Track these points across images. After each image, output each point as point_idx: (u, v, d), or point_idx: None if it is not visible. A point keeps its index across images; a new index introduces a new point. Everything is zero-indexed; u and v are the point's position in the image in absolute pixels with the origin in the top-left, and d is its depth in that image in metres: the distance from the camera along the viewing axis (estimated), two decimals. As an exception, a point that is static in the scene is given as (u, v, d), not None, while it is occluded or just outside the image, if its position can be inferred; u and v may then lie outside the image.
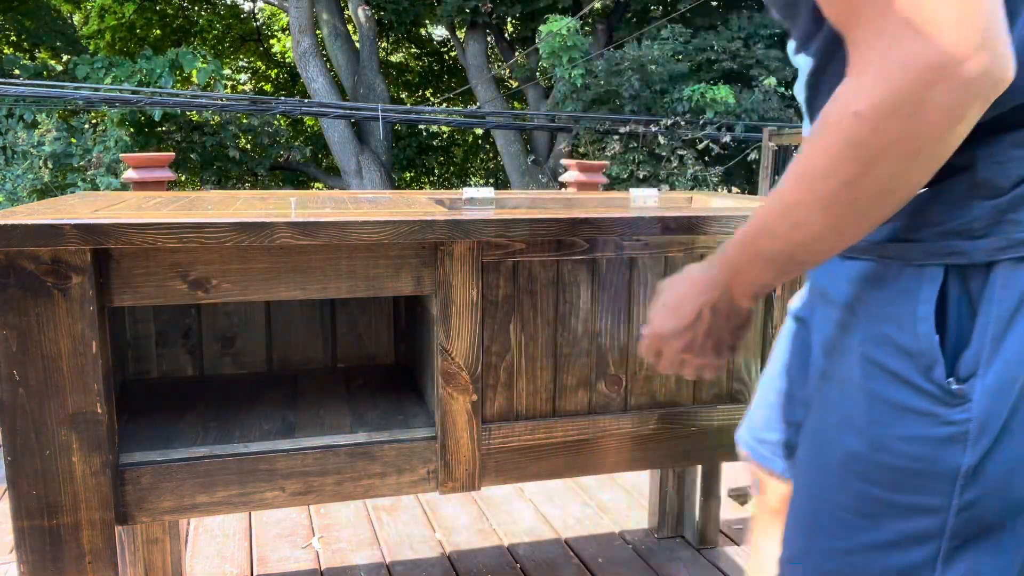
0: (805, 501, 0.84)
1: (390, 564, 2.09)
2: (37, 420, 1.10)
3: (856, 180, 0.64)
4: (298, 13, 10.48)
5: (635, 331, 1.40)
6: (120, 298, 1.15)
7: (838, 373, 0.80)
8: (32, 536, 1.12)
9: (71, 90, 8.27)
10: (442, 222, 1.21)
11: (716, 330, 0.87)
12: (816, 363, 0.85)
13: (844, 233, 0.69)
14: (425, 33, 14.91)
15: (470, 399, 1.31)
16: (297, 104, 9.36)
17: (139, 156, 2.77)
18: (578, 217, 1.27)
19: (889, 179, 0.64)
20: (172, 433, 1.32)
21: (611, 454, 1.42)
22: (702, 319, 0.86)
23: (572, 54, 8.64)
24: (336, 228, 1.16)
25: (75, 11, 14.49)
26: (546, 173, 10.32)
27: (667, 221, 1.32)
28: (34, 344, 1.08)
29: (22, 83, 8.43)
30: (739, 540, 2.26)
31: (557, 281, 1.34)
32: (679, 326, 0.87)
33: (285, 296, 1.21)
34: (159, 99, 8.55)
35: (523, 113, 10.80)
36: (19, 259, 1.06)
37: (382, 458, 1.30)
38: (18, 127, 8.46)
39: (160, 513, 1.22)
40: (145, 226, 1.09)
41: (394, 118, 9.76)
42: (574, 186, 3.16)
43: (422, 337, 1.52)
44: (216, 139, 10.26)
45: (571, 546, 2.20)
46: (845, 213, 0.67)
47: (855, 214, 0.67)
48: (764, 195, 7.08)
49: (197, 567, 2.06)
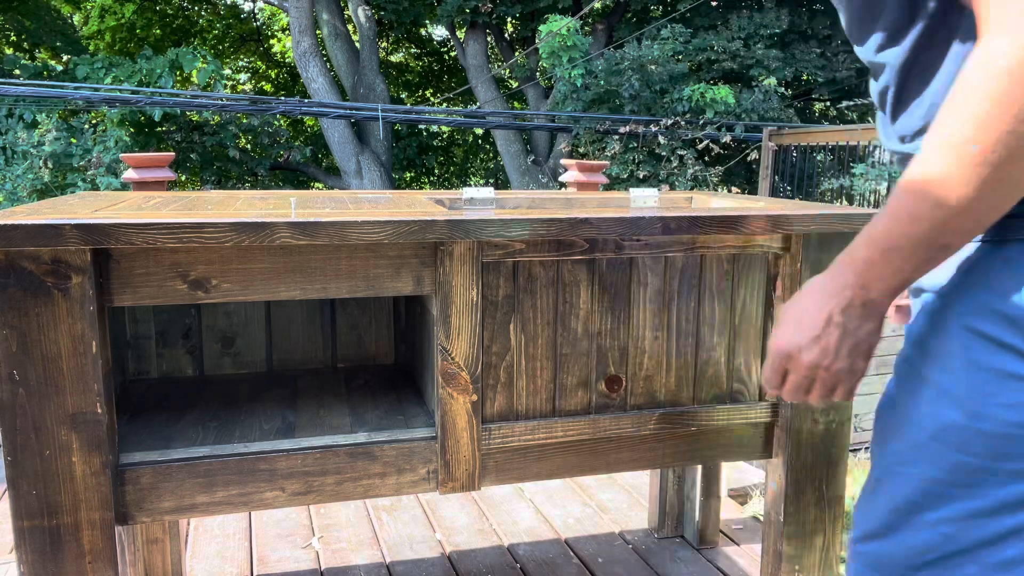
0: (888, 479, 0.84)
1: (390, 564, 2.09)
2: (37, 420, 1.10)
3: (1009, 140, 0.63)
4: (298, 13, 10.48)
5: (635, 331, 1.40)
6: (120, 298, 1.15)
7: (933, 350, 0.80)
8: (32, 536, 1.12)
9: (71, 90, 8.27)
10: (442, 222, 1.21)
11: (849, 337, 0.81)
12: (902, 352, 0.85)
13: (995, 203, 0.67)
14: (425, 33, 14.91)
15: (470, 399, 1.31)
16: (297, 104, 9.36)
17: (139, 156, 2.77)
18: (578, 217, 1.27)
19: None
20: (172, 433, 1.32)
21: (611, 454, 1.42)
22: (832, 325, 0.80)
23: (572, 54, 8.64)
24: (336, 228, 1.16)
25: (75, 11, 14.49)
26: (546, 173, 10.32)
27: (667, 221, 1.32)
28: (34, 344, 1.08)
29: (22, 83, 8.43)
30: (739, 540, 2.26)
31: (557, 281, 1.34)
32: (808, 337, 0.81)
33: (285, 296, 1.21)
34: (159, 99, 8.55)
35: (523, 113, 10.80)
36: (19, 259, 1.06)
37: (382, 458, 1.30)
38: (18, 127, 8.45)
39: (160, 513, 1.22)
40: (145, 226, 1.09)
41: (394, 118, 9.76)
42: (574, 186, 3.16)
43: (422, 337, 1.52)
44: (216, 139, 10.26)
45: (571, 546, 2.20)
46: (998, 179, 0.65)
47: (1008, 179, 0.65)
48: (764, 195, 7.08)
49: (197, 567, 2.06)
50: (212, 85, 9.79)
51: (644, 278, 1.38)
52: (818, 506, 1.52)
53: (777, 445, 1.50)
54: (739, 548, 2.21)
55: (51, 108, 8.80)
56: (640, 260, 1.37)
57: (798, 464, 1.50)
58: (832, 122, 11.34)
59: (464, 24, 10.96)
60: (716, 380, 1.46)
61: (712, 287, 1.43)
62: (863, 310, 0.80)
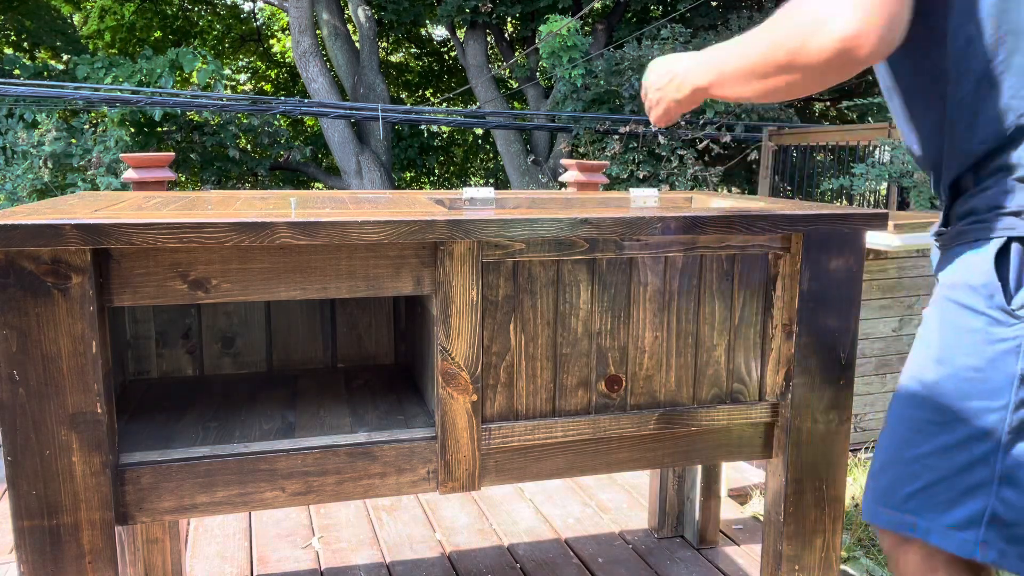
0: (892, 422, 1.06)
1: (390, 564, 2.09)
2: (37, 420, 1.10)
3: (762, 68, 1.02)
4: (298, 13, 10.47)
5: (635, 331, 1.40)
6: (120, 298, 1.15)
7: (926, 317, 1.05)
8: (32, 536, 1.12)
9: (71, 90, 8.26)
10: (442, 222, 1.21)
11: (669, 92, 1.27)
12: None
13: (746, 89, 1.08)
14: (425, 33, 14.90)
15: (470, 399, 1.31)
16: (297, 104, 9.35)
17: (139, 156, 2.77)
18: (578, 217, 1.27)
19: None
20: (172, 433, 1.32)
21: (611, 454, 1.42)
22: (670, 81, 1.25)
23: (572, 54, 8.64)
24: (336, 228, 1.16)
25: (75, 11, 14.48)
26: (546, 173, 10.31)
27: (667, 221, 1.32)
28: (34, 344, 1.08)
29: (22, 83, 8.43)
30: (739, 540, 2.26)
31: (557, 281, 1.34)
32: (653, 82, 1.30)
33: (285, 296, 1.21)
34: (159, 99, 8.55)
35: (523, 113, 10.79)
36: (19, 259, 1.06)
37: (382, 458, 1.30)
38: (18, 127, 8.45)
39: (160, 513, 1.22)
40: (145, 226, 1.09)
41: (394, 118, 9.75)
42: (574, 186, 3.16)
43: (422, 337, 1.52)
44: (216, 139, 10.25)
45: (571, 546, 2.20)
46: (751, 79, 1.05)
47: (756, 83, 1.05)
48: (764, 195, 7.08)
49: (197, 567, 2.06)
50: (212, 85, 9.79)
51: (644, 278, 1.38)
52: (818, 506, 1.52)
53: (777, 445, 1.50)
54: (739, 548, 2.21)
55: (51, 108, 8.80)
56: (640, 260, 1.37)
57: (798, 464, 1.50)
58: (832, 122, 11.34)
59: (464, 24, 10.96)
60: (716, 380, 1.46)
61: (712, 287, 1.43)
62: (681, 86, 1.23)
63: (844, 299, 1.46)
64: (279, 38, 16.14)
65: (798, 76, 0.96)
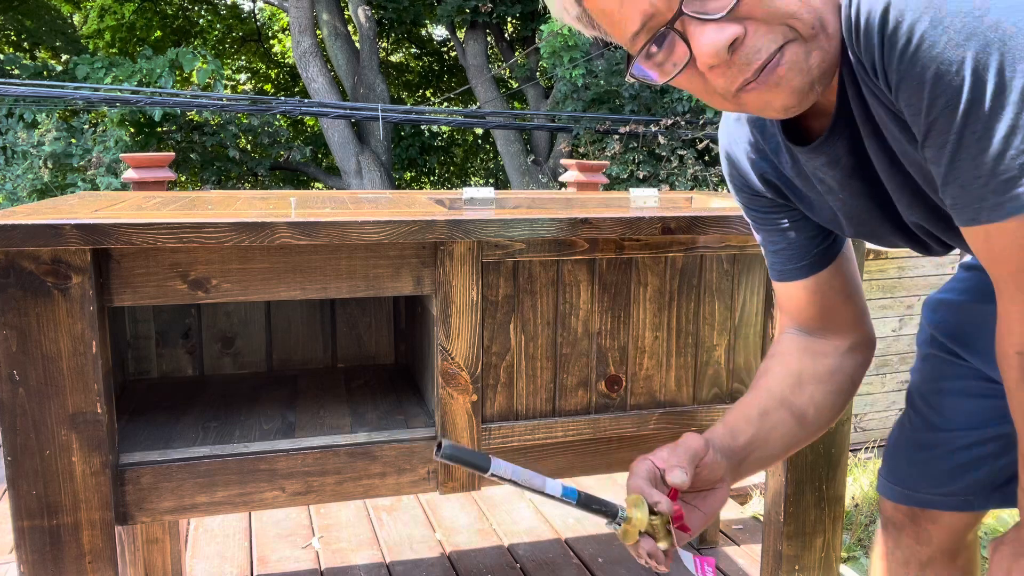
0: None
1: (390, 564, 2.09)
2: (37, 420, 1.10)
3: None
4: (298, 13, 10.47)
5: (635, 331, 1.40)
6: (120, 298, 1.15)
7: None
8: (32, 536, 1.12)
9: (71, 90, 8.26)
10: (442, 222, 1.21)
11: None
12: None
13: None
14: (425, 33, 14.90)
15: (470, 399, 1.31)
16: (297, 104, 9.36)
17: (139, 156, 2.77)
18: (578, 217, 1.27)
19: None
20: (172, 433, 1.32)
21: (611, 454, 1.42)
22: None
23: (572, 54, 8.64)
24: (336, 228, 1.16)
25: (75, 11, 14.48)
26: (546, 173, 10.32)
27: (667, 221, 1.32)
28: (34, 344, 1.08)
29: (22, 83, 8.43)
30: (739, 540, 2.26)
31: (557, 281, 1.34)
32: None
33: (285, 296, 1.21)
34: (159, 99, 8.55)
35: (523, 113, 10.79)
36: (19, 259, 1.06)
37: (382, 458, 1.30)
38: (18, 127, 8.45)
39: (160, 513, 1.22)
40: (145, 226, 1.09)
41: (394, 118, 9.75)
42: (574, 186, 3.16)
43: (422, 337, 1.52)
44: (216, 139, 10.26)
45: (571, 546, 2.20)
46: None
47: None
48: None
49: (197, 567, 2.06)
50: (212, 85, 9.79)
51: (644, 278, 1.38)
52: (818, 506, 1.52)
53: (777, 445, 1.50)
54: (739, 548, 2.21)
55: (51, 108, 8.80)
56: (640, 260, 1.37)
57: (798, 464, 1.50)
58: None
59: (464, 24, 10.96)
60: (716, 380, 1.46)
61: (712, 287, 1.43)
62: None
63: (844, 299, 1.46)
64: (279, 38, 16.14)
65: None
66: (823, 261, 1.00)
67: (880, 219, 0.89)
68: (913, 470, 1.17)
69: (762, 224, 1.03)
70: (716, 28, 0.70)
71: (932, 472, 1.15)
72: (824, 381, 1.00)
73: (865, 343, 1.05)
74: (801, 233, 0.99)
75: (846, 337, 1.03)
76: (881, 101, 0.73)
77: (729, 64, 0.71)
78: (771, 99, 0.74)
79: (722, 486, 0.91)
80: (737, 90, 0.74)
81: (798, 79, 0.72)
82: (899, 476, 1.19)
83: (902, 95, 0.68)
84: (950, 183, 0.68)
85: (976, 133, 0.64)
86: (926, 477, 1.16)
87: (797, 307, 1.03)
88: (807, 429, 0.99)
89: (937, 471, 1.14)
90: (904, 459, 1.19)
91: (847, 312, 1.03)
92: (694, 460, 0.86)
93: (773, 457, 0.99)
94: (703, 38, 0.70)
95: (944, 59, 0.63)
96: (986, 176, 0.65)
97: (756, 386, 1.02)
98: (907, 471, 1.18)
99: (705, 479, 0.89)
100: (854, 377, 1.03)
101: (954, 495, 1.14)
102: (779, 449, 0.98)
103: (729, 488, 0.93)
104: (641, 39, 0.74)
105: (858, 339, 1.04)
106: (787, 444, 0.98)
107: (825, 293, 1.01)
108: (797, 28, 0.70)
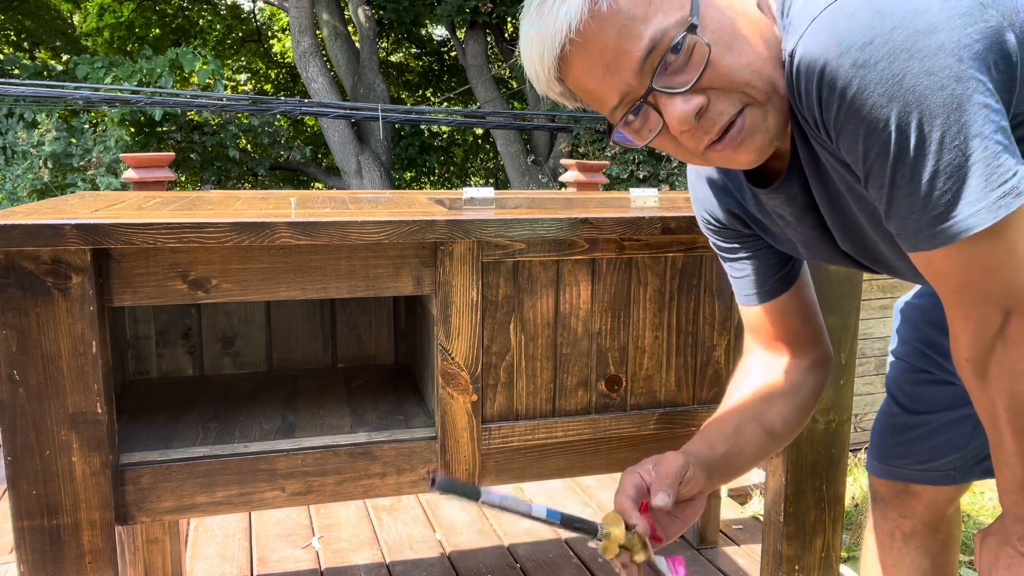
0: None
1: (390, 564, 2.09)
2: (37, 420, 1.10)
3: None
4: (298, 13, 10.47)
5: (635, 331, 1.40)
6: (120, 298, 1.15)
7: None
8: (32, 536, 1.12)
9: (71, 90, 8.26)
10: (442, 222, 1.21)
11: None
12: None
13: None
14: (425, 33, 14.89)
15: (470, 399, 1.31)
16: (297, 104, 9.35)
17: (139, 156, 2.76)
18: (578, 217, 1.27)
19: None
20: (172, 433, 1.32)
21: (611, 454, 1.42)
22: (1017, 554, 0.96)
23: (572, 54, 8.61)
24: (336, 228, 1.16)
25: (75, 11, 14.48)
26: (546, 173, 10.31)
27: (667, 221, 1.32)
28: (34, 344, 1.08)
29: (22, 83, 8.43)
30: (739, 540, 2.26)
31: (557, 281, 1.34)
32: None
33: (285, 296, 1.21)
34: (159, 99, 8.55)
35: (523, 113, 10.79)
36: (19, 259, 1.06)
37: (382, 458, 1.30)
38: (18, 127, 8.45)
39: (160, 513, 1.22)
40: (145, 226, 1.09)
41: (394, 118, 9.75)
42: (574, 186, 3.16)
43: (422, 337, 1.52)
44: (216, 139, 10.26)
45: (571, 546, 2.20)
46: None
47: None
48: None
49: (197, 567, 2.06)
50: (212, 85, 9.79)
51: (644, 278, 1.38)
52: (818, 506, 1.52)
53: (777, 445, 1.50)
54: (739, 548, 2.21)
55: (51, 108, 8.80)
56: (640, 260, 1.37)
57: (798, 464, 1.50)
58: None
59: (464, 24, 10.95)
60: (716, 380, 1.46)
61: (712, 287, 1.43)
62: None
63: (844, 299, 1.46)
64: (279, 38, 16.13)
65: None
66: (783, 286, 1.10)
67: (832, 248, 1.00)
68: (897, 450, 1.31)
69: (729, 253, 1.13)
70: (683, 99, 0.80)
71: (914, 451, 1.29)
72: (789, 397, 1.10)
73: (824, 360, 1.14)
74: (763, 261, 1.10)
75: (807, 355, 1.13)
76: (826, 148, 0.83)
77: (696, 128, 0.82)
78: (735, 157, 0.85)
79: (700, 497, 1.02)
80: (705, 148, 0.84)
81: (760, 138, 0.83)
82: (885, 455, 1.33)
83: (842, 146, 0.78)
84: (891, 217, 0.79)
85: (906, 177, 0.74)
86: (909, 455, 1.29)
87: (762, 328, 1.13)
88: (776, 441, 1.10)
89: (919, 450, 1.28)
90: (888, 441, 1.32)
91: (806, 331, 1.13)
92: (676, 482, 0.97)
93: (745, 467, 1.10)
94: (673, 108, 0.81)
95: (872, 118, 0.73)
96: (919, 212, 0.75)
97: (728, 402, 1.13)
98: (892, 451, 1.31)
99: (686, 494, 0.99)
100: (815, 392, 1.13)
101: (936, 470, 1.27)
102: (751, 460, 1.09)
103: (706, 497, 1.04)
104: (620, 112, 0.84)
105: (817, 356, 1.13)
106: (758, 455, 1.09)
107: (786, 314, 1.11)
108: (752, 95, 0.80)
